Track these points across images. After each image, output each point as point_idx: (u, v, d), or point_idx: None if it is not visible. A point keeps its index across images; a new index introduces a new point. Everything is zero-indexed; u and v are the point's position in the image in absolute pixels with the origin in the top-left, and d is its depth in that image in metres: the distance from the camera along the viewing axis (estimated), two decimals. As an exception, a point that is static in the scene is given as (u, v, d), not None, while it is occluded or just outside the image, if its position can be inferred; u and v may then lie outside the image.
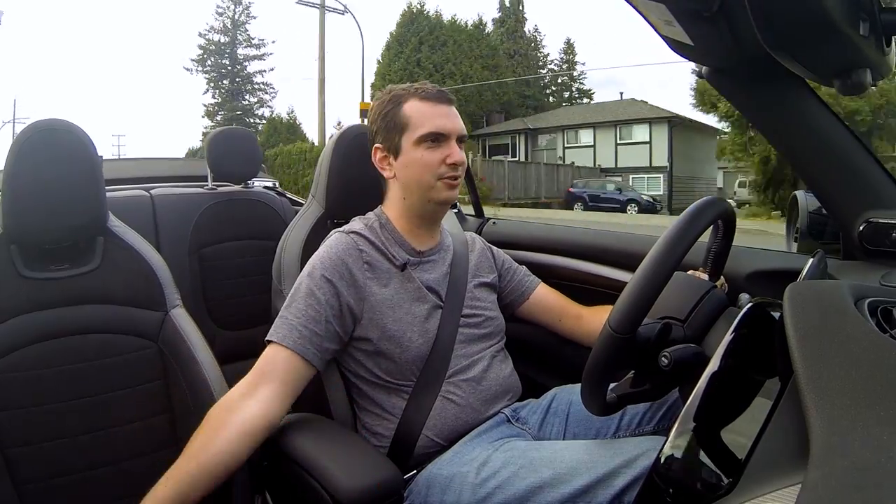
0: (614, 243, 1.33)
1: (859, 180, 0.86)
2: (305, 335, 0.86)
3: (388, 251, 0.96)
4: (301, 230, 1.11)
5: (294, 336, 0.86)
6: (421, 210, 0.98)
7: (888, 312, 0.56)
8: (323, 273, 0.89)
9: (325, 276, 0.89)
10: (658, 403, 0.89)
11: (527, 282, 1.14)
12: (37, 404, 0.90)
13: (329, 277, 0.89)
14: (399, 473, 0.81)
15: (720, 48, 0.76)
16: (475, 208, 1.71)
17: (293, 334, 0.86)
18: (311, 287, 0.89)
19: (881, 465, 0.36)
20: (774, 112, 0.87)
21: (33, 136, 0.92)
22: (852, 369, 0.45)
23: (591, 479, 0.74)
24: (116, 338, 0.97)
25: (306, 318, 0.87)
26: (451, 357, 0.94)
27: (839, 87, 0.65)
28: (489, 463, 0.82)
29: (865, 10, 0.56)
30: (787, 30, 0.59)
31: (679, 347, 0.70)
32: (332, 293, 0.89)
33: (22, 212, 0.92)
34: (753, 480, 0.48)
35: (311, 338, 0.86)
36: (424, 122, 0.93)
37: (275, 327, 0.88)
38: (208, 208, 1.80)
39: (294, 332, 0.86)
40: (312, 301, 0.88)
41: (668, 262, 0.67)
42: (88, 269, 0.98)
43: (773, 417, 0.51)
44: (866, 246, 0.86)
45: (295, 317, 0.87)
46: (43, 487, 0.88)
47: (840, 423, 0.40)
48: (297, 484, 0.83)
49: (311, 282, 0.89)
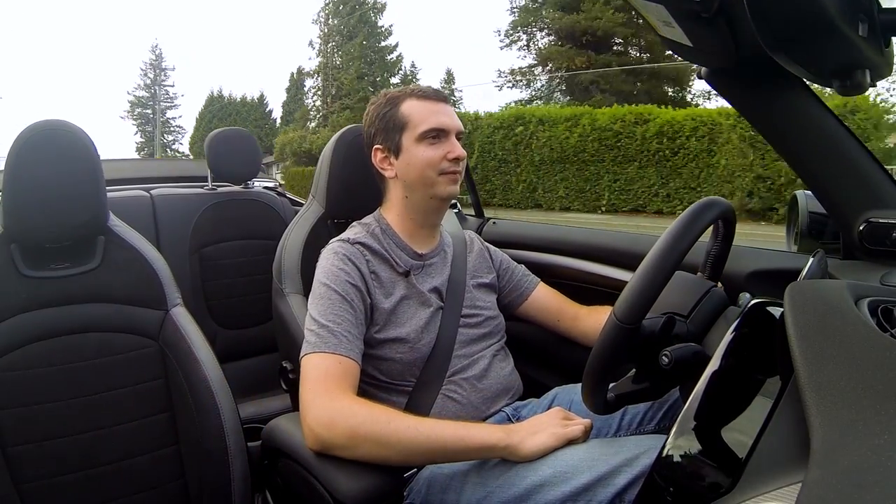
0: (614, 243, 1.33)
1: (859, 180, 0.86)
2: (352, 340, 0.86)
3: (391, 258, 0.96)
4: (301, 230, 1.11)
5: (345, 344, 0.85)
6: (423, 207, 0.98)
7: (888, 312, 0.56)
8: (347, 279, 0.90)
9: (350, 281, 0.90)
10: (659, 403, 0.89)
11: (525, 281, 1.14)
12: (37, 403, 0.89)
13: (352, 282, 0.90)
14: (399, 472, 0.81)
15: (719, 49, 0.76)
16: (475, 208, 1.71)
17: (343, 343, 0.85)
18: (340, 293, 0.89)
19: (881, 465, 0.36)
20: (774, 112, 0.87)
21: (34, 136, 0.92)
22: (853, 368, 0.45)
23: (592, 478, 0.74)
24: (117, 336, 0.97)
25: (347, 323, 0.87)
26: (451, 357, 0.95)
27: (838, 88, 0.65)
28: (489, 461, 0.82)
29: (864, 11, 0.56)
30: (785, 30, 0.59)
31: (679, 346, 0.70)
32: (358, 297, 0.90)
33: (22, 211, 0.92)
34: (754, 479, 0.48)
35: (354, 341, 0.87)
36: (424, 119, 0.94)
37: (320, 339, 0.85)
38: (208, 208, 1.81)
39: (344, 340, 0.85)
40: (346, 306, 0.88)
41: (674, 254, 0.67)
42: (89, 267, 0.98)
43: (773, 416, 0.51)
44: (866, 246, 0.86)
45: (336, 324, 0.86)
46: (43, 486, 0.88)
47: (841, 422, 0.40)
48: (296, 483, 0.83)
49: (338, 288, 0.89)
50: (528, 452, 0.77)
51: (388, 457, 0.78)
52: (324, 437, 0.78)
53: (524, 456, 0.77)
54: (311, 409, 0.79)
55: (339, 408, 0.79)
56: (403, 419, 0.79)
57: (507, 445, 0.77)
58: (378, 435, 0.76)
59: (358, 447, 0.77)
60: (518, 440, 0.78)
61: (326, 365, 0.83)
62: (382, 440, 0.76)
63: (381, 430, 0.76)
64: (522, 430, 0.79)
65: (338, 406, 0.79)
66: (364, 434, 0.77)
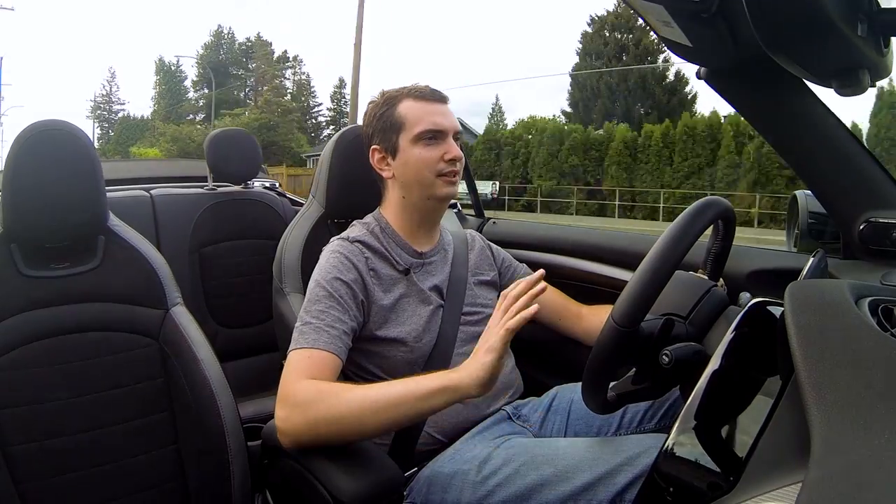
0: (614, 243, 1.33)
1: (859, 180, 0.86)
2: (335, 335, 0.86)
3: (391, 256, 0.96)
4: (301, 230, 1.11)
5: (325, 338, 0.85)
6: (421, 208, 0.98)
7: (889, 311, 0.56)
8: (337, 276, 0.90)
9: (340, 278, 0.90)
10: (659, 402, 0.89)
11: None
12: (37, 402, 0.89)
13: (343, 279, 0.90)
14: (400, 471, 0.81)
15: (718, 49, 0.76)
16: (475, 208, 1.71)
17: (323, 336, 0.85)
18: (328, 289, 0.89)
19: (882, 464, 0.36)
20: (773, 112, 0.87)
21: (34, 136, 0.92)
22: (853, 368, 0.45)
23: (593, 477, 0.74)
24: (117, 335, 0.97)
25: (331, 318, 0.87)
26: (452, 355, 0.95)
27: (837, 88, 0.65)
28: (490, 460, 0.82)
29: (863, 11, 0.56)
30: (784, 30, 0.59)
31: (680, 346, 0.70)
32: (348, 294, 0.89)
33: (22, 211, 0.92)
34: (754, 479, 0.48)
35: (340, 336, 0.86)
36: (421, 120, 0.94)
37: (301, 335, 0.85)
38: (208, 208, 1.81)
39: (324, 334, 0.85)
40: (332, 302, 0.88)
41: (672, 256, 0.67)
42: (89, 267, 0.98)
43: (773, 416, 0.51)
44: (867, 245, 0.86)
45: (319, 319, 0.86)
46: (43, 485, 0.88)
47: (841, 421, 0.40)
48: (297, 482, 0.83)
49: (326, 285, 0.89)
50: (476, 381, 0.72)
51: (348, 432, 0.77)
52: (284, 430, 0.79)
53: (474, 388, 0.72)
54: (277, 406, 0.80)
55: (294, 398, 0.79)
56: (352, 390, 0.77)
57: (453, 383, 0.73)
58: (331, 413, 0.76)
59: (319, 432, 0.77)
60: (463, 374, 0.73)
61: (299, 360, 0.83)
62: (336, 417, 0.76)
63: (332, 407, 0.76)
64: (463, 364, 0.75)
65: (297, 393, 0.79)
66: (317, 416, 0.76)
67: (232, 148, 1.83)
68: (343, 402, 0.76)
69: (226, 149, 1.82)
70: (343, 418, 0.76)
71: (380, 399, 0.75)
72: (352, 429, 0.76)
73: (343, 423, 0.76)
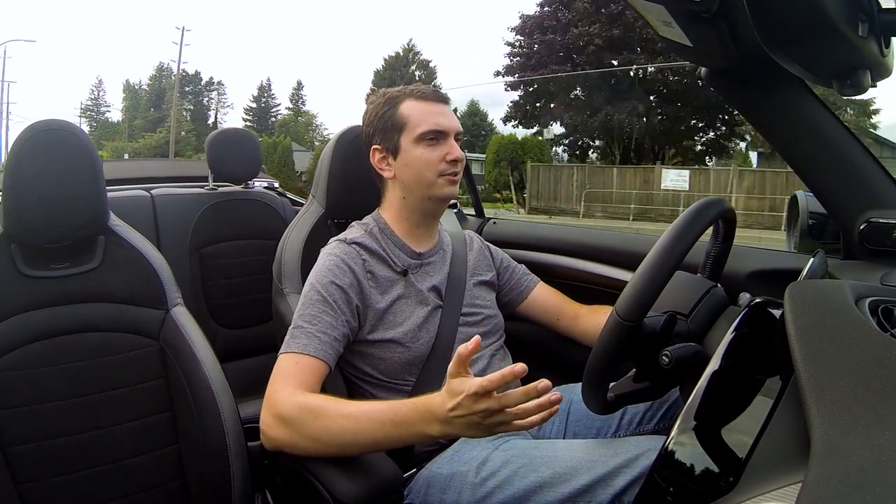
0: (614, 243, 1.33)
1: (859, 180, 0.86)
2: (325, 341, 0.86)
3: (389, 257, 0.96)
4: (302, 230, 1.11)
5: (315, 344, 0.85)
6: (421, 208, 0.98)
7: (889, 312, 0.56)
8: (332, 280, 0.90)
9: (335, 282, 0.90)
10: (659, 402, 0.89)
11: (525, 280, 1.14)
12: (37, 402, 0.89)
13: (339, 283, 0.90)
14: (399, 472, 0.81)
15: (719, 49, 0.76)
16: (475, 208, 1.71)
17: (313, 342, 0.85)
18: (323, 294, 0.89)
19: (882, 465, 0.36)
20: (774, 113, 0.87)
21: (34, 136, 0.92)
22: (853, 368, 0.45)
23: (592, 479, 0.74)
24: (117, 336, 0.97)
25: (323, 324, 0.87)
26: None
27: (838, 88, 0.65)
28: (489, 462, 0.82)
29: (864, 11, 0.56)
30: (785, 30, 0.59)
31: (680, 346, 0.70)
32: (342, 298, 0.89)
33: (23, 211, 0.92)
34: (754, 479, 0.48)
35: (331, 343, 0.87)
36: (423, 120, 0.94)
37: (292, 338, 0.86)
38: (209, 208, 1.81)
39: (314, 340, 0.86)
40: (326, 307, 0.88)
41: (675, 252, 0.67)
42: (89, 267, 0.98)
43: (773, 416, 0.51)
44: (867, 246, 0.86)
45: (311, 324, 0.87)
46: (43, 485, 0.88)
47: (841, 421, 0.40)
48: (296, 482, 0.83)
49: (321, 289, 0.89)
50: (445, 435, 0.73)
51: (327, 453, 0.78)
52: (269, 435, 0.80)
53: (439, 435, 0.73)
54: (263, 410, 0.81)
55: (277, 409, 0.80)
56: (332, 417, 0.77)
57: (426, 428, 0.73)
58: (311, 432, 0.77)
59: (298, 445, 0.79)
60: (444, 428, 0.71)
61: (287, 364, 0.84)
62: (316, 437, 0.77)
63: (312, 427, 0.77)
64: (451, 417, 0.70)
65: (280, 405, 0.80)
66: (301, 434, 0.78)
67: (232, 148, 1.83)
68: (322, 428, 0.77)
69: (226, 149, 1.82)
70: (325, 442, 0.77)
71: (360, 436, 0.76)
72: (331, 452, 0.78)
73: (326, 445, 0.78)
